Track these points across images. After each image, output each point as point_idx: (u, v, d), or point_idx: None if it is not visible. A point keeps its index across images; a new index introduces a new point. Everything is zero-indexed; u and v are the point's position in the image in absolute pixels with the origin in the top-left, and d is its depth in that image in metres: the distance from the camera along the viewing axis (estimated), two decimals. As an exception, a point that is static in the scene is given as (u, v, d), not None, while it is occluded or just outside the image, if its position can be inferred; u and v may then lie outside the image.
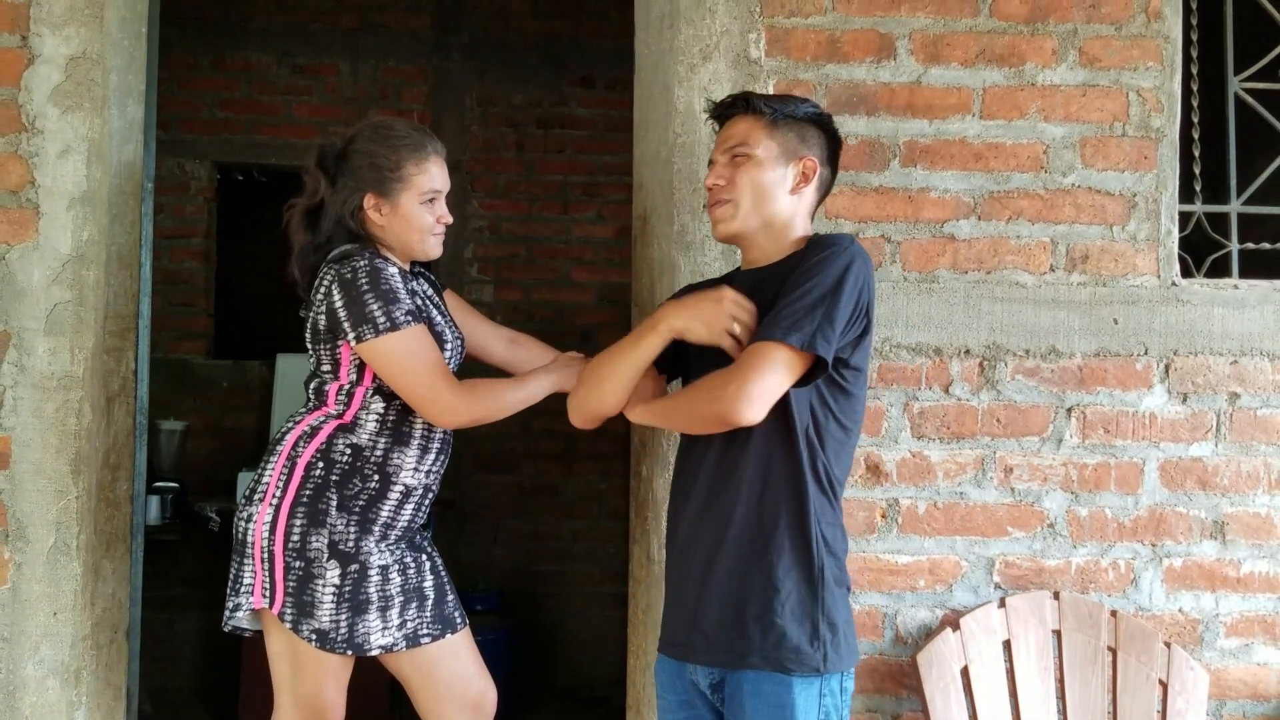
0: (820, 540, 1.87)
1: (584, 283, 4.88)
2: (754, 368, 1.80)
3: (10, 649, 2.34)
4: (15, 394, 2.35)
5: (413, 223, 2.26)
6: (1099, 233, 2.49)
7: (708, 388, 1.87)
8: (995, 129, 2.49)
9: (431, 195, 2.27)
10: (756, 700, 1.84)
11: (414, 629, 2.23)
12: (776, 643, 1.83)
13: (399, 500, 2.24)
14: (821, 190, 2.04)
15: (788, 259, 1.96)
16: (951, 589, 2.43)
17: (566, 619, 4.79)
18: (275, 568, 2.17)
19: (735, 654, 1.87)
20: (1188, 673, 2.37)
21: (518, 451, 4.69)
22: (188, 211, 4.79)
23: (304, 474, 2.19)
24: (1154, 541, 2.47)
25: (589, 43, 4.89)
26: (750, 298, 1.93)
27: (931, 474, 2.44)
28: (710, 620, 1.90)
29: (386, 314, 2.13)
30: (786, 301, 1.83)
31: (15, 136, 2.38)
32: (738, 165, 1.98)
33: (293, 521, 2.17)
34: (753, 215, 1.98)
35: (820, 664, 1.83)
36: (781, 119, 1.98)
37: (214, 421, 4.74)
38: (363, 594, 2.18)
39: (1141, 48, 2.51)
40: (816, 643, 1.84)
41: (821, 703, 1.84)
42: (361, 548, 2.19)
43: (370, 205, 2.24)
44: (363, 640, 2.18)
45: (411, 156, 2.25)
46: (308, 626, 2.17)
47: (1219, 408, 2.49)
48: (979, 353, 2.45)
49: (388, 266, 2.19)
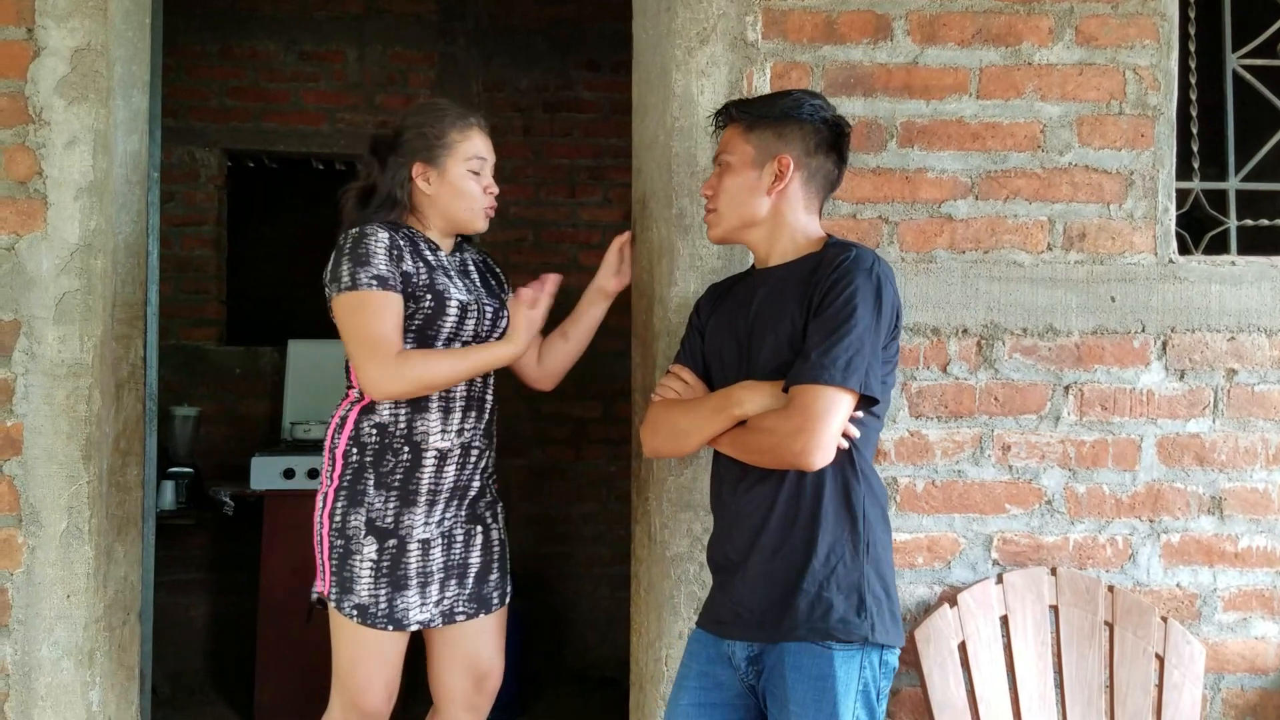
0: (864, 517, 1.94)
1: (591, 266, 4.83)
2: (820, 416, 1.86)
3: (25, 631, 2.39)
4: (26, 381, 2.40)
5: (460, 189, 2.36)
6: (1096, 211, 2.50)
7: (779, 435, 1.89)
8: (992, 109, 2.50)
9: (477, 163, 2.37)
10: (798, 673, 1.89)
11: (450, 606, 2.35)
12: (824, 614, 1.88)
13: (436, 465, 2.31)
14: (816, 182, 2.07)
15: (803, 261, 2.02)
16: (950, 566, 2.45)
17: (576, 601, 4.83)
18: (324, 550, 2.31)
19: (781, 629, 1.92)
20: (1184, 647, 2.39)
21: (527, 435, 4.73)
22: (198, 199, 4.84)
23: (343, 463, 2.32)
24: (1152, 517, 2.48)
25: (593, 26, 4.91)
26: (764, 296, 2.03)
27: (929, 453, 2.46)
28: (757, 597, 1.96)
29: (351, 274, 2.22)
30: (834, 339, 1.87)
31: (22, 128, 2.42)
32: (721, 173, 2.08)
33: (336, 505, 2.30)
34: (732, 219, 2.08)
35: (869, 633, 1.88)
36: (757, 121, 2.05)
37: (227, 407, 4.79)
38: (402, 569, 2.28)
39: (1138, 26, 2.51)
40: (864, 613, 1.89)
41: (861, 674, 1.88)
42: (402, 522, 2.29)
43: (419, 174, 2.35)
44: (402, 616, 2.29)
45: (456, 124, 2.37)
46: (348, 602, 2.28)
47: (1216, 384, 2.50)
48: (977, 332, 2.47)
49: (377, 232, 2.26)
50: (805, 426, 1.86)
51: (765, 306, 2.02)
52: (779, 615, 1.92)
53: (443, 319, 2.29)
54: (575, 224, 4.94)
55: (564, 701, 4.37)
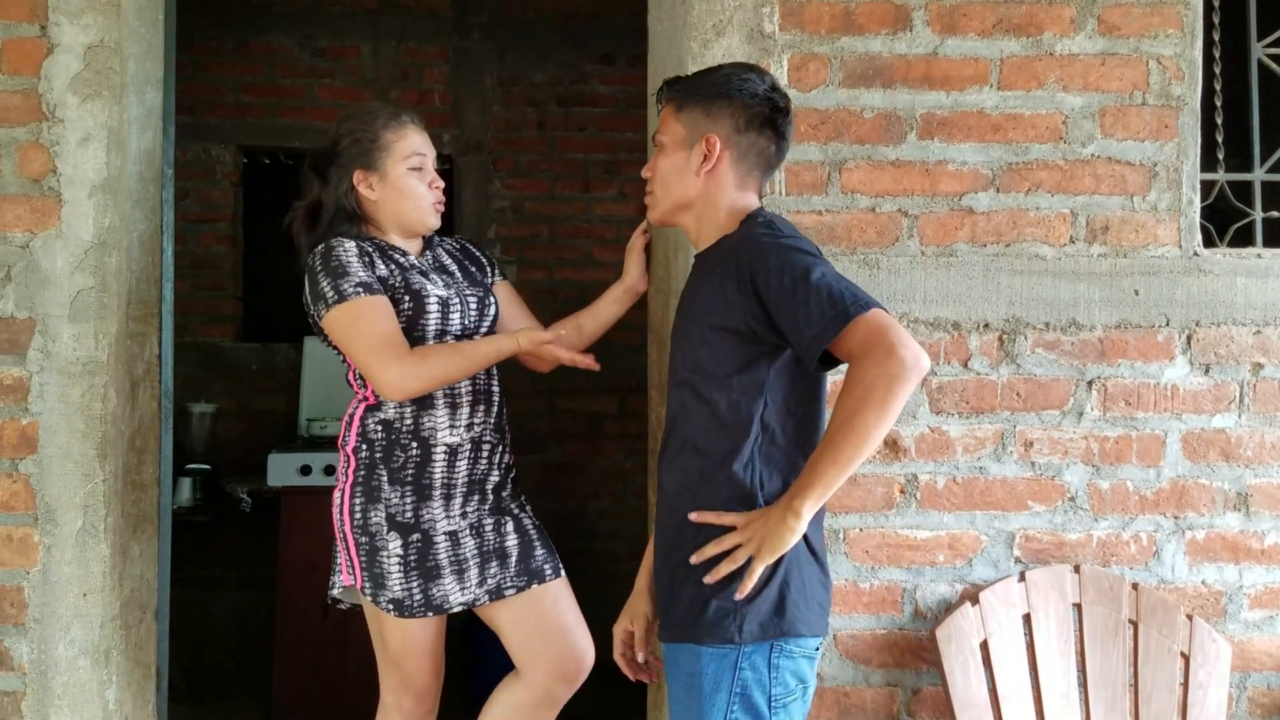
0: (762, 489, 1.84)
1: (607, 261, 4.88)
2: (880, 336, 1.70)
3: (42, 629, 2.39)
4: (41, 379, 2.39)
5: (404, 190, 2.32)
6: (1119, 203, 2.46)
7: (870, 383, 1.69)
8: (1013, 100, 2.46)
9: (417, 160, 2.32)
10: (673, 669, 1.87)
11: (496, 584, 2.31)
12: (696, 612, 1.83)
13: (447, 461, 2.29)
14: (749, 160, 1.96)
15: (719, 242, 1.94)
16: (971, 563, 2.43)
17: (592, 597, 4.80)
18: (350, 546, 2.30)
19: (664, 627, 1.91)
20: (1210, 645, 2.36)
21: (543, 431, 4.71)
22: (214, 196, 4.84)
23: (355, 460, 2.31)
24: (1176, 514, 2.45)
25: (608, 20, 4.88)
26: (690, 280, 1.98)
27: (950, 449, 2.43)
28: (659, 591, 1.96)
29: (335, 288, 2.20)
30: (806, 295, 1.75)
31: (36, 125, 2.41)
32: (657, 154, 2.02)
33: (354, 502, 2.29)
34: (665, 202, 2.01)
35: (734, 635, 1.79)
36: (687, 99, 1.97)
37: (244, 404, 4.79)
38: (431, 560, 2.27)
39: (1161, 14, 2.47)
40: (733, 616, 1.80)
41: (738, 675, 1.80)
42: (422, 516, 2.27)
43: (360, 181, 2.32)
44: (441, 601, 2.28)
45: (389, 125, 2.33)
46: (383, 597, 2.28)
47: (1242, 378, 2.46)
48: (998, 326, 2.44)
49: (342, 243, 2.25)
50: (880, 348, 1.69)
51: (685, 296, 1.97)
52: (665, 611, 1.91)
53: (424, 317, 2.27)
54: (590, 219, 4.93)
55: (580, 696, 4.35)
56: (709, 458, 1.86)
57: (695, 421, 1.89)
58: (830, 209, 2.43)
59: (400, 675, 2.37)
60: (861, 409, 1.69)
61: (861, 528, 2.41)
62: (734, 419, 1.84)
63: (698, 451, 1.88)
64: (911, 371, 1.69)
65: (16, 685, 2.39)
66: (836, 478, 1.73)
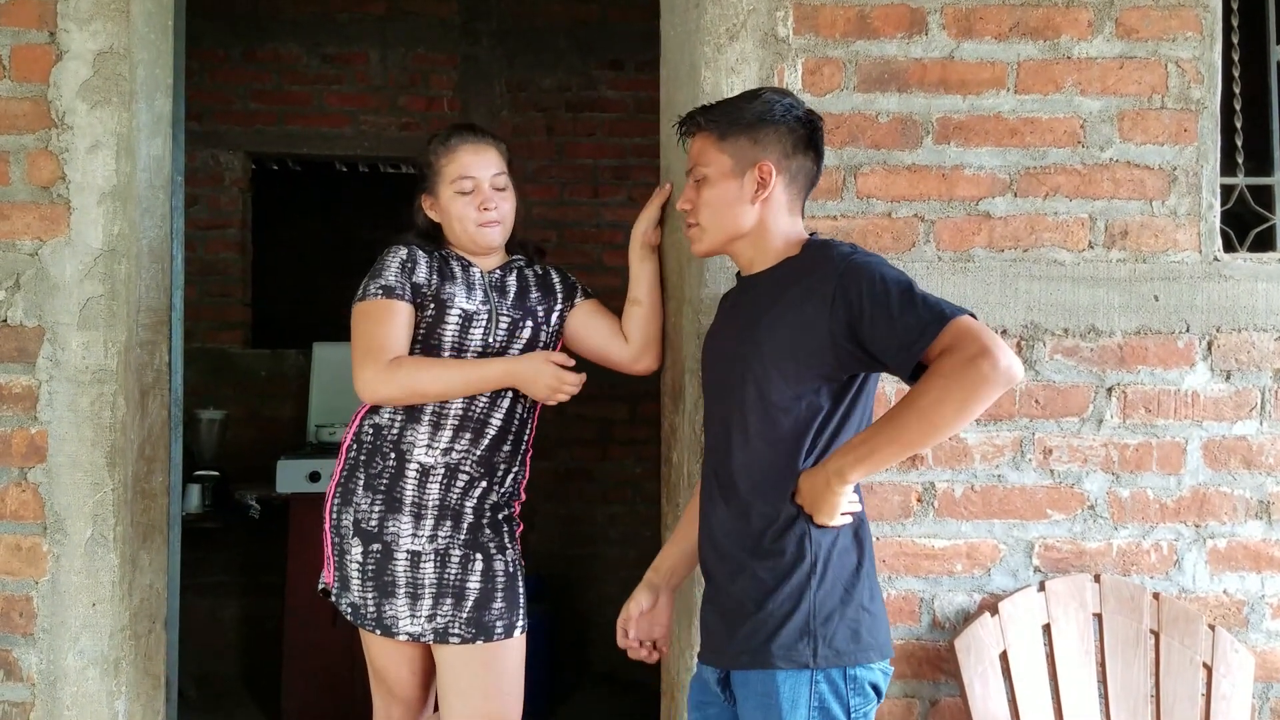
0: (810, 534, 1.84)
1: (616, 267, 4.84)
2: (976, 337, 1.70)
3: (50, 640, 2.37)
4: (50, 388, 2.37)
5: (450, 213, 2.38)
6: (1138, 208, 2.43)
7: (959, 377, 1.69)
8: (1030, 104, 2.43)
9: (464, 183, 2.35)
10: (745, 689, 1.85)
11: (444, 625, 2.26)
12: (767, 638, 1.82)
13: (418, 479, 2.28)
14: (799, 183, 1.98)
15: (782, 265, 1.94)
16: (989, 573, 2.40)
17: (603, 603, 4.78)
18: (327, 542, 2.34)
19: (728, 655, 1.88)
20: (1233, 655, 2.32)
21: (553, 437, 4.69)
22: (222, 203, 4.84)
23: (345, 458, 2.35)
24: (1197, 522, 2.42)
25: (617, 25, 4.87)
26: (743, 303, 1.96)
27: (968, 457, 2.40)
28: (710, 621, 1.94)
29: (363, 287, 2.32)
30: (903, 309, 1.76)
31: (45, 132, 2.40)
32: (699, 187, 1.99)
33: (334, 500, 2.33)
34: (717, 233, 1.98)
35: (810, 660, 1.79)
36: (730, 129, 1.95)
37: (253, 410, 4.78)
38: (388, 575, 2.26)
39: (1180, 18, 2.44)
40: (806, 638, 1.80)
41: (815, 689, 1.80)
42: (387, 528, 2.27)
43: (427, 205, 2.41)
44: (390, 623, 2.28)
45: (440, 149, 2.39)
46: (345, 600, 2.32)
47: (1264, 385, 2.43)
48: (1016, 332, 2.41)
49: (396, 248, 2.34)
50: (972, 349, 1.68)
51: (753, 311, 1.93)
52: (729, 639, 1.88)
53: (442, 326, 2.28)
54: (599, 224, 4.91)
55: (592, 704, 4.34)
56: (765, 492, 1.88)
57: (754, 447, 1.88)
58: (846, 214, 2.41)
59: (385, 685, 2.40)
60: (944, 398, 1.69)
61: (878, 536, 2.38)
62: (793, 444, 1.85)
63: (755, 486, 1.89)
64: (1004, 377, 1.69)
65: (25, 696, 2.37)
66: (891, 455, 1.75)
